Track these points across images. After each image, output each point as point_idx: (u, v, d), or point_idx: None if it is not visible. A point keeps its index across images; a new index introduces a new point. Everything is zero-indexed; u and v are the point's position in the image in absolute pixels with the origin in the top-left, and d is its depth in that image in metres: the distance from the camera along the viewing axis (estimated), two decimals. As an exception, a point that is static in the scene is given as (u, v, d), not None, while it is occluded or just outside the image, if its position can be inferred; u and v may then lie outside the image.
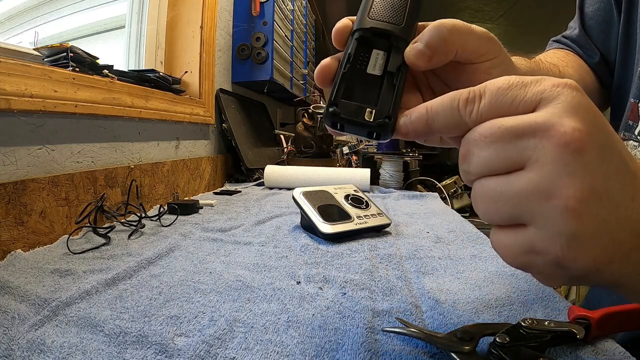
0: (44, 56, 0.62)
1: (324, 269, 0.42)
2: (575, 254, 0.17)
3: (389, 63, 0.24)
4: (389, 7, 0.25)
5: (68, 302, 0.33)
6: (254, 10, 1.27)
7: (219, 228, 0.59)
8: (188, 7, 1.05)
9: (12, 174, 0.48)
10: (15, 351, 0.26)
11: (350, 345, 0.28)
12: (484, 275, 0.42)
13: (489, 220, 0.20)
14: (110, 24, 0.96)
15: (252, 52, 1.27)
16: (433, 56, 0.24)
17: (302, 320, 0.31)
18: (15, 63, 0.49)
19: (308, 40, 1.98)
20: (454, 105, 0.20)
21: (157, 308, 0.33)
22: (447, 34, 0.24)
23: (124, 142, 0.71)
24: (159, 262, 0.44)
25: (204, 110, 1.04)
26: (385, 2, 0.25)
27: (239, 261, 0.45)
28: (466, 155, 0.20)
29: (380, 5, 0.25)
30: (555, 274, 0.18)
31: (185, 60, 1.05)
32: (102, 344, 0.27)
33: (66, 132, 0.58)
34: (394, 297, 0.36)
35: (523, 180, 0.18)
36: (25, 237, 0.48)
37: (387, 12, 0.25)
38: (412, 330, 0.28)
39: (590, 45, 0.50)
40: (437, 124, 0.21)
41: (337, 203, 0.59)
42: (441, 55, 0.24)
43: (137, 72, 0.83)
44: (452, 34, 0.24)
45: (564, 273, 0.18)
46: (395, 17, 0.24)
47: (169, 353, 0.26)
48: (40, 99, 0.51)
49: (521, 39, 3.90)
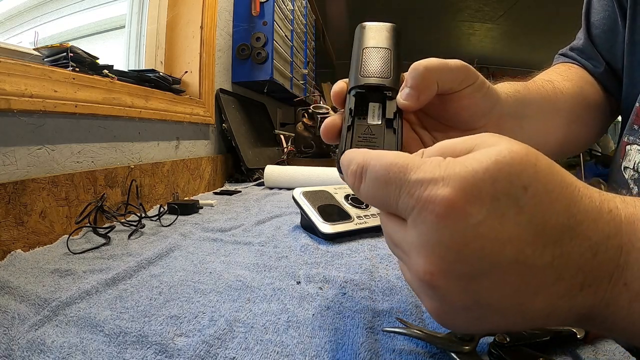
0: (44, 56, 0.62)
1: (324, 269, 0.42)
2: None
3: (385, 111, 0.28)
4: (377, 65, 0.29)
5: (68, 302, 0.33)
6: (254, 10, 1.27)
7: (219, 228, 0.59)
8: (188, 7, 1.05)
9: (12, 174, 0.49)
10: (15, 351, 0.26)
11: (350, 345, 0.28)
12: (484, 275, 0.42)
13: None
14: (110, 24, 0.96)
15: (252, 52, 1.27)
16: (420, 95, 0.27)
17: (302, 321, 0.31)
18: (15, 63, 0.49)
19: (308, 40, 1.98)
20: (345, 172, 0.22)
21: (157, 308, 0.33)
22: (425, 71, 0.27)
23: (124, 142, 0.71)
24: (159, 262, 0.44)
25: (204, 110, 1.04)
26: (373, 61, 0.29)
27: (239, 261, 0.45)
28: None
29: (370, 64, 0.29)
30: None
31: (185, 60, 1.05)
32: (102, 344, 0.27)
33: (66, 132, 0.58)
34: (394, 297, 0.36)
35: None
36: (25, 237, 0.48)
37: (376, 69, 0.28)
38: (413, 331, 0.28)
39: (597, 55, 0.50)
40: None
41: (337, 203, 0.59)
42: (426, 91, 0.27)
43: (137, 72, 0.83)
44: (429, 70, 0.27)
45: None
46: (384, 72, 0.28)
47: (169, 353, 0.26)
48: (40, 99, 0.51)
49: (521, 38, 3.91)
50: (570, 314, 0.18)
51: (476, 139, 0.19)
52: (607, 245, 0.17)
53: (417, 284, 0.19)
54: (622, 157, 0.42)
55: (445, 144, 0.20)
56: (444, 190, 0.17)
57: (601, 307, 0.18)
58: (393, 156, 0.19)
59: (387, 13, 2.91)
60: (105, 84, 0.65)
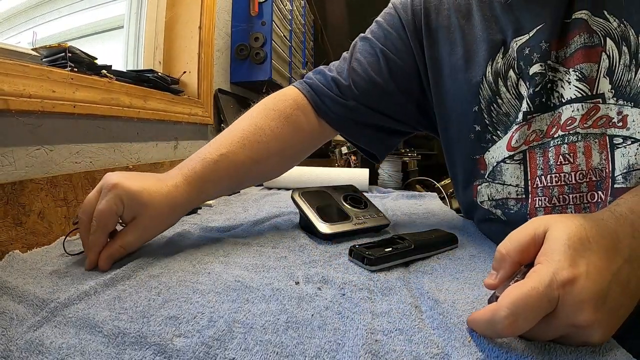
0: (42, 56, 0.62)
1: (322, 269, 0.42)
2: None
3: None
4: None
5: (66, 303, 0.33)
6: (252, 11, 1.27)
7: (218, 228, 0.59)
8: (186, 7, 1.05)
9: (10, 175, 0.48)
10: (13, 352, 0.26)
11: (350, 346, 0.28)
12: (483, 274, 0.42)
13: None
14: (108, 24, 0.96)
15: (251, 52, 1.27)
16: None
17: (301, 321, 0.31)
18: (14, 63, 0.49)
19: (307, 41, 1.98)
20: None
21: (155, 309, 0.33)
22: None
23: (122, 143, 0.71)
24: (158, 263, 0.44)
25: (202, 111, 1.04)
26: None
27: (238, 261, 0.45)
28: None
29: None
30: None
31: (183, 60, 1.05)
32: (101, 345, 0.27)
33: (64, 132, 0.58)
34: (393, 297, 0.36)
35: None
36: (24, 237, 0.47)
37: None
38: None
39: (340, 96, 0.62)
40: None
41: (336, 203, 0.59)
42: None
43: (136, 72, 0.83)
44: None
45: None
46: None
47: (168, 354, 0.26)
48: (38, 99, 0.51)
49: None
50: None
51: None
52: (632, 234, 0.30)
53: (583, 331, 0.26)
54: (474, 196, 0.56)
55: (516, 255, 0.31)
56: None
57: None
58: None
59: (385, 13, 2.91)
60: (104, 84, 0.65)
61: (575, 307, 0.25)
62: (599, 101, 0.43)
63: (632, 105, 0.41)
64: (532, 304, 0.25)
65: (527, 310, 0.25)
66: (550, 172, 0.47)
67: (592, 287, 0.25)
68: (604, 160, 0.43)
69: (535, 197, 0.48)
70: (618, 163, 0.41)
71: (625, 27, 0.41)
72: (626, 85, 0.41)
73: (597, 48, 0.43)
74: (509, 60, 0.50)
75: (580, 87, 0.45)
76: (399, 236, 0.48)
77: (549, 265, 0.26)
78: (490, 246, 0.53)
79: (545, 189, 0.47)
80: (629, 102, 0.41)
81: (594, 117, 0.44)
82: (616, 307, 0.27)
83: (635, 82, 0.40)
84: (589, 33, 0.44)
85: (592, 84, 0.44)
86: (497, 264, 0.32)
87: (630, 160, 0.40)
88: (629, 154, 0.41)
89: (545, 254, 0.28)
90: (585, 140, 0.44)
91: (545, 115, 0.48)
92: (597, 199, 0.44)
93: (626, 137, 0.41)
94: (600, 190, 0.44)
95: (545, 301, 0.25)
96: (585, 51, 0.44)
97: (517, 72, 0.50)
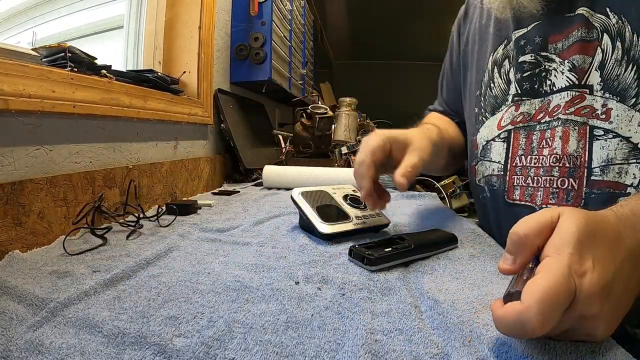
0: (42, 56, 0.62)
1: (322, 269, 0.42)
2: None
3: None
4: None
5: (66, 303, 0.33)
6: (252, 11, 1.27)
7: (218, 228, 0.59)
8: (186, 7, 1.05)
9: (10, 175, 0.48)
10: (13, 352, 0.26)
11: (350, 346, 0.28)
12: (482, 274, 0.42)
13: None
14: (108, 24, 0.96)
15: (251, 52, 1.27)
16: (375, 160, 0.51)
17: (301, 321, 0.31)
18: (13, 63, 0.49)
19: (306, 41, 1.98)
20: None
21: (155, 309, 0.33)
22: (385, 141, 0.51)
23: (122, 143, 0.71)
24: (158, 263, 0.44)
25: (202, 111, 1.04)
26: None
27: (238, 261, 0.45)
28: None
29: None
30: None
31: (183, 60, 1.05)
32: (101, 345, 0.27)
33: (64, 132, 0.58)
34: (393, 297, 0.36)
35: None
36: (23, 237, 0.47)
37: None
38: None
39: (452, 112, 0.80)
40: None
41: (336, 203, 0.59)
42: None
43: (136, 72, 0.83)
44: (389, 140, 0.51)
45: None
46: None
47: (168, 354, 0.26)
48: (38, 99, 0.51)
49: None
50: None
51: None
52: (634, 235, 0.30)
53: (591, 322, 0.26)
54: (474, 175, 0.62)
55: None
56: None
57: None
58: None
59: (386, 13, 2.90)
60: (104, 84, 0.65)
61: (587, 299, 0.25)
62: (586, 91, 0.45)
63: (618, 100, 0.42)
64: (559, 299, 0.24)
65: (555, 306, 0.24)
66: (531, 153, 0.50)
67: (599, 281, 0.26)
68: (580, 149, 0.45)
69: (513, 176, 0.52)
70: (596, 155, 0.43)
71: (622, 24, 0.42)
72: (615, 79, 0.43)
73: (594, 42, 0.45)
74: (507, 51, 0.56)
75: (570, 76, 0.47)
76: (398, 236, 0.48)
77: (562, 257, 0.26)
78: (490, 246, 0.53)
79: (524, 169, 0.51)
80: (615, 96, 0.42)
81: (577, 105, 0.46)
82: (618, 302, 0.27)
83: (625, 77, 0.42)
84: (588, 28, 0.45)
85: (582, 75, 0.46)
86: (514, 247, 0.30)
87: (610, 154, 0.42)
88: (608, 147, 0.42)
89: (555, 246, 0.27)
90: (565, 125, 0.46)
91: (536, 100, 0.51)
92: (568, 186, 0.45)
93: (608, 131, 0.43)
94: (572, 177, 0.45)
95: (569, 294, 0.25)
96: (582, 45, 0.46)
97: (510, 61, 0.55)
